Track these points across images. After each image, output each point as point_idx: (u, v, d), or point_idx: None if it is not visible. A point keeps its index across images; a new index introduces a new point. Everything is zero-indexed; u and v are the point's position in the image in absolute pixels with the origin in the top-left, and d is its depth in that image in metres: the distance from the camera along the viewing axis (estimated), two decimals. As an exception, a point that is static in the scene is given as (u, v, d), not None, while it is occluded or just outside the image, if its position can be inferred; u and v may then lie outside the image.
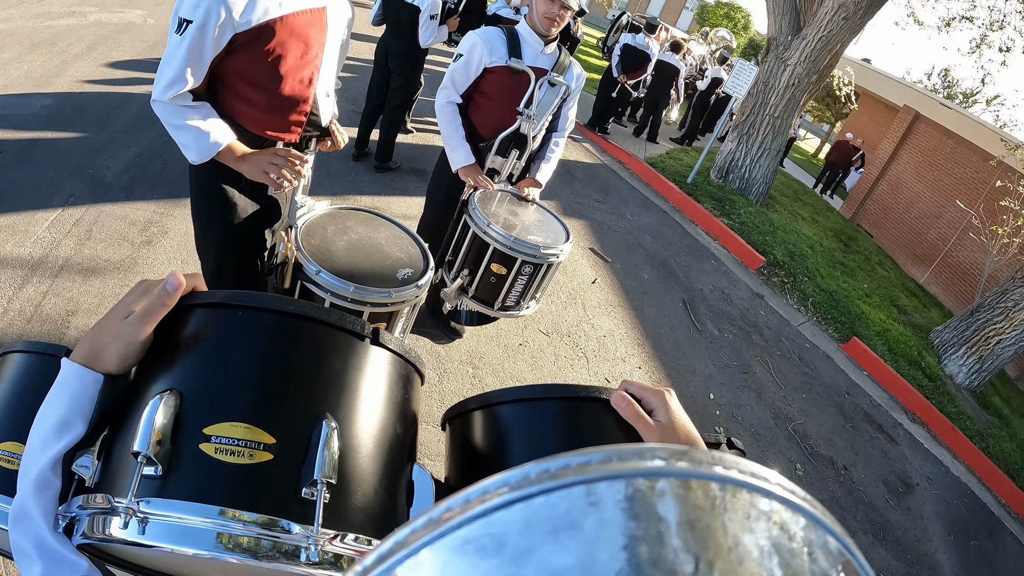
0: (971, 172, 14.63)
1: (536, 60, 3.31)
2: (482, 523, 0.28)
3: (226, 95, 2.22)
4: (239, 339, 0.79)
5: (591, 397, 0.91)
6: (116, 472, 0.70)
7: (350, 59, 10.46)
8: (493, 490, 0.30)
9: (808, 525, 0.31)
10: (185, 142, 2.14)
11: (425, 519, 0.30)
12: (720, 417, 5.19)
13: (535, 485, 0.29)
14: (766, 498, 0.30)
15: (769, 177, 10.89)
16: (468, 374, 4.24)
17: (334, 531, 0.71)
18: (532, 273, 3.06)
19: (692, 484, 0.30)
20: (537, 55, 3.31)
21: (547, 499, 0.29)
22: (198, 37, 1.96)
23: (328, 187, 5.93)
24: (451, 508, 0.30)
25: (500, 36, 3.28)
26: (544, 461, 0.31)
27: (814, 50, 9.58)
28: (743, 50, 24.99)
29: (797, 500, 0.31)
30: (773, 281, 8.45)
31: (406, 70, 6.32)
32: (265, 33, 2.07)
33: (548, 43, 3.33)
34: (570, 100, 3.60)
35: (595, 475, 0.29)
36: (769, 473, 0.32)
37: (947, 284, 14.26)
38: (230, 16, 1.96)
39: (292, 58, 2.19)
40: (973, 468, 7.07)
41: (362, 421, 0.80)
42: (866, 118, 24.12)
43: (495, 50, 3.26)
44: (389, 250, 2.37)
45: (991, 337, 8.50)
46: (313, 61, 2.29)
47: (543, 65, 3.34)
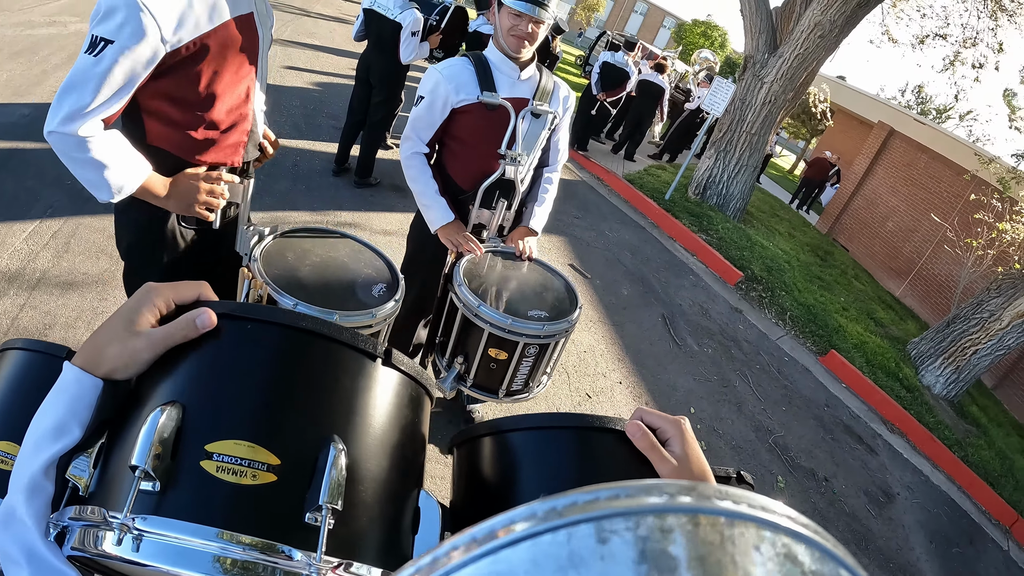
0: (945, 186, 14.85)
1: (513, 89, 2.76)
2: (488, 561, 0.28)
3: (151, 123, 1.96)
4: (247, 353, 0.76)
5: (604, 428, 0.88)
6: (112, 484, 0.67)
7: (331, 74, 10.51)
8: (500, 527, 0.29)
9: (820, 557, 0.30)
10: (92, 180, 1.81)
11: (431, 558, 0.29)
12: (701, 431, 5.20)
13: (543, 523, 0.29)
14: (775, 531, 0.30)
15: (746, 193, 11.00)
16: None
17: (337, 559, 0.68)
18: (538, 354, 2.55)
19: (701, 519, 0.29)
20: (513, 83, 2.76)
21: (554, 537, 0.28)
22: (120, 61, 1.68)
23: (308, 203, 5.93)
24: (457, 546, 0.29)
25: (466, 67, 2.73)
26: (551, 499, 0.30)
27: (790, 68, 9.74)
28: (720, 68, 25.23)
29: (807, 532, 0.30)
30: (751, 296, 8.51)
31: (387, 86, 6.37)
32: (199, 50, 1.84)
33: (524, 66, 2.77)
34: (560, 128, 3.04)
35: (603, 512, 0.29)
36: (777, 505, 0.31)
37: (923, 296, 14.42)
38: (160, 34, 1.71)
39: (228, 73, 1.98)
40: (953, 477, 7.12)
41: (371, 444, 0.77)
42: (841, 134, 24.44)
43: (462, 86, 2.70)
44: (355, 267, 2.24)
45: (967, 348, 8.60)
46: (249, 74, 2.08)
47: (522, 94, 2.79)
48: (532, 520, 0.29)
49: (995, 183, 9.92)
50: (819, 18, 9.19)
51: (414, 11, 5.88)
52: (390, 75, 6.29)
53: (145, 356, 0.73)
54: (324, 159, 6.99)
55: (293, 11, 15.32)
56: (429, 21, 6.55)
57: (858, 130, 22.37)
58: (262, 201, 5.50)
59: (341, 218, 5.82)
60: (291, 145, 7.05)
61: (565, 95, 2.98)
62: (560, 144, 3.13)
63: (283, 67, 9.77)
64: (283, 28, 12.70)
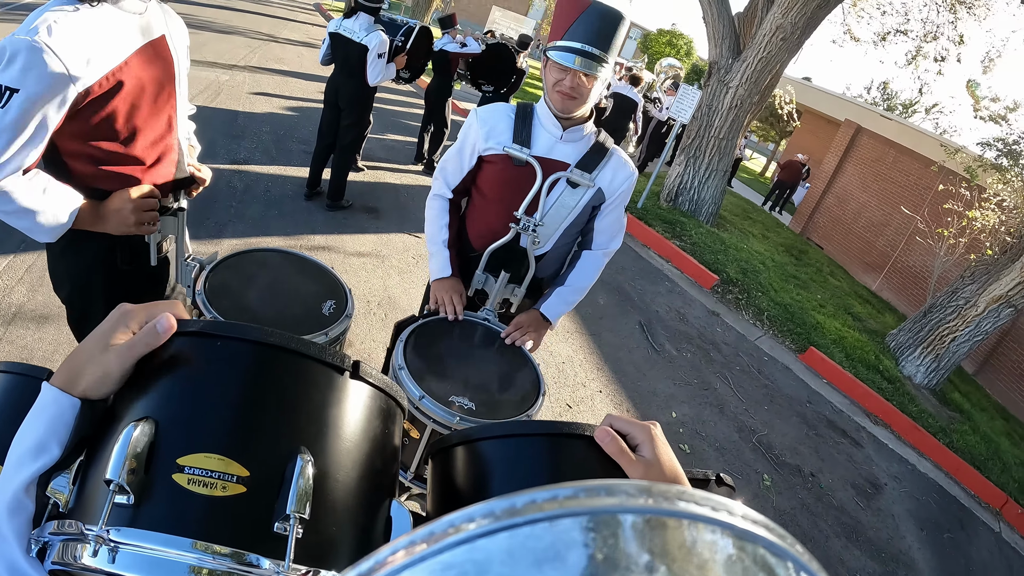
0: (914, 179, 15.07)
1: (552, 150, 2.35)
2: (465, 549, 0.28)
3: (74, 164, 1.85)
4: (217, 369, 0.77)
5: (574, 434, 0.91)
6: (89, 499, 0.69)
7: (300, 99, 10.50)
8: (478, 516, 0.29)
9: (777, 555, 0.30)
10: (27, 227, 1.71)
11: (407, 541, 0.30)
12: (684, 435, 5.20)
13: (522, 515, 0.29)
14: (731, 532, 0.30)
15: (718, 197, 11.08)
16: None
17: (306, 567, 0.70)
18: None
19: (656, 520, 0.30)
20: (554, 142, 2.34)
21: (533, 530, 0.28)
22: (28, 109, 1.56)
23: (281, 228, 5.90)
24: (434, 532, 0.29)
25: (507, 114, 2.39)
26: (533, 491, 0.31)
27: (755, 72, 9.86)
28: (687, 75, 25.44)
29: (761, 531, 0.31)
30: (728, 298, 8.55)
31: (356, 109, 6.37)
32: (113, 85, 1.72)
33: (571, 125, 2.33)
34: (606, 210, 2.48)
35: (583, 508, 0.29)
36: (735, 506, 0.32)
37: (898, 288, 14.59)
38: (67, 74, 1.58)
39: (147, 105, 1.86)
40: (939, 463, 7.17)
41: (339, 455, 0.79)
42: (809, 134, 24.75)
43: (494, 131, 2.36)
44: (304, 287, 2.16)
45: (945, 336, 8.69)
46: (169, 102, 1.96)
47: (562, 156, 2.35)
48: (512, 512, 0.29)
49: (962, 172, 10.07)
50: (780, 21, 9.31)
51: (379, 33, 5.90)
52: (358, 98, 6.30)
53: (116, 371, 0.74)
54: (296, 184, 6.98)
55: (260, 37, 15.36)
56: (395, 42, 6.55)
57: (826, 129, 22.66)
58: (235, 227, 5.49)
59: (314, 242, 5.81)
60: (262, 171, 7.03)
61: (623, 176, 2.41)
62: (608, 228, 2.55)
63: (252, 93, 9.75)
64: (251, 54, 12.72)
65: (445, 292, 2.42)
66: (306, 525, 0.70)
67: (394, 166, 8.91)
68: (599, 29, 2.07)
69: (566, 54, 2.10)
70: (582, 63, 2.09)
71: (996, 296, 8.25)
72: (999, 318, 8.40)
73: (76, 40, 1.60)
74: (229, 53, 11.96)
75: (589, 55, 2.09)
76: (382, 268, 5.83)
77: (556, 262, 2.67)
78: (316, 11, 28.15)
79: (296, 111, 9.84)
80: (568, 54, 2.10)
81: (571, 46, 2.09)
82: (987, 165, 9.31)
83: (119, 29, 1.73)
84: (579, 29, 2.08)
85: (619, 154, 2.43)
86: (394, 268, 5.91)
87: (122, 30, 1.74)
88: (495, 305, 2.57)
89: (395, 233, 6.70)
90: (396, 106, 13.00)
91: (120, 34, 1.73)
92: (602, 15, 2.07)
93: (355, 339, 4.61)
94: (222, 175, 6.39)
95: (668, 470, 0.85)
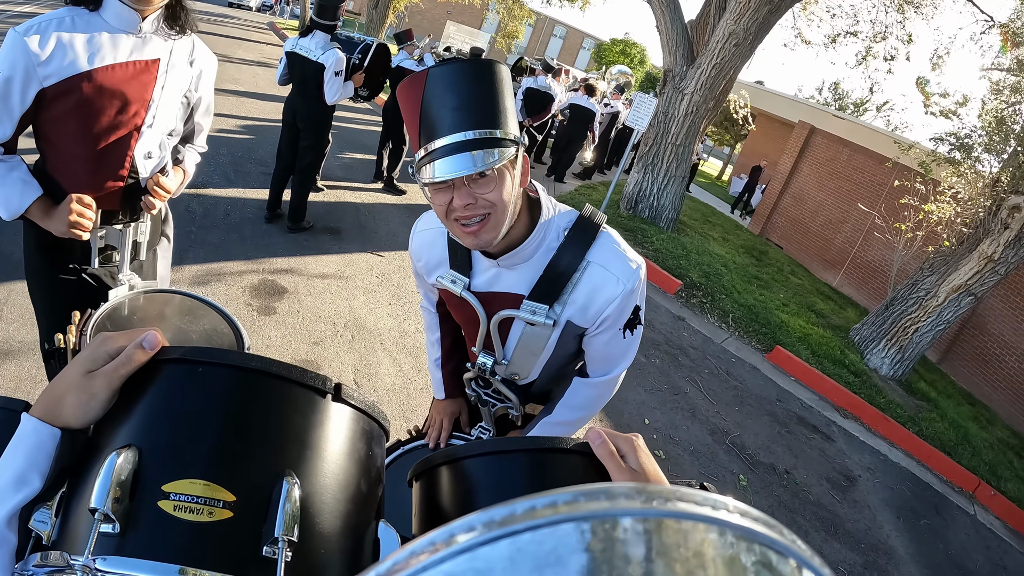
0: (869, 176, 15.34)
1: (495, 280, 1.74)
2: (466, 558, 0.28)
3: (47, 151, 2.05)
4: (199, 395, 0.77)
5: (557, 448, 0.91)
6: (73, 529, 0.67)
7: (257, 120, 10.40)
8: (478, 525, 0.29)
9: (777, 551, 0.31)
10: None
11: (407, 552, 0.29)
12: (657, 440, 5.21)
13: (521, 522, 0.29)
14: (729, 529, 0.30)
15: (677, 203, 11.19)
16: (403, 429, 4.17)
17: None
18: None
19: (657, 522, 0.30)
20: (496, 271, 1.72)
21: (533, 536, 0.28)
22: (2, 90, 1.83)
23: (242, 251, 5.82)
24: (435, 542, 0.29)
25: (439, 238, 1.80)
26: (532, 497, 0.31)
27: (709, 78, 10.00)
28: (641, 84, 25.71)
29: (762, 529, 0.31)
30: (692, 303, 8.62)
31: (314, 129, 6.32)
32: (72, 88, 1.88)
33: (504, 251, 1.63)
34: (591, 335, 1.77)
35: (583, 513, 0.29)
36: (733, 503, 0.32)
37: (859, 283, 14.82)
38: (34, 68, 1.82)
39: (107, 117, 1.98)
40: (911, 452, 7.29)
41: (324, 478, 0.78)
42: (764, 137, 25.12)
43: (430, 263, 1.87)
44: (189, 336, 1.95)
45: (908, 327, 8.84)
46: (132, 119, 2.03)
47: (508, 288, 1.72)
48: (511, 519, 0.29)
49: (917, 167, 10.25)
50: (733, 27, 9.46)
51: (336, 51, 5.87)
52: (316, 118, 6.25)
53: (103, 395, 0.73)
54: (255, 206, 6.90)
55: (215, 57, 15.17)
56: (352, 60, 6.52)
57: (780, 131, 23.01)
58: (195, 253, 5.39)
59: (276, 264, 5.73)
60: (221, 194, 6.94)
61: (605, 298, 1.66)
62: (600, 354, 1.85)
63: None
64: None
65: (437, 414, 2.21)
66: (294, 548, 0.69)
67: (354, 185, 8.86)
68: (462, 99, 1.38)
69: (438, 163, 1.38)
70: (468, 162, 1.37)
71: (956, 286, 8.43)
72: (960, 307, 8.58)
73: (54, 39, 1.83)
74: (182, 79, 11.80)
75: (470, 144, 1.37)
76: (346, 289, 5.77)
77: (557, 381, 2.08)
78: (270, 30, 27.94)
79: (254, 132, 9.75)
80: (440, 161, 1.38)
81: (438, 147, 1.38)
82: (940, 159, 9.49)
83: (103, 41, 1.90)
84: (436, 119, 1.38)
85: (601, 267, 1.66)
86: (359, 288, 5.86)
87: (107, 43, 1.91)
88: (491, 422, 2.19)
89: (358, 253, 6.66)
90: (354, 124, 12.94)
91: (103, 46, 1.90)
92: (453, 76, 1.37)
93: (323, 362, 4.55)
94: (180, 200, 6.27)
95: (653, 479, 0.85)
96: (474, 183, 1.41)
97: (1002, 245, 8.01)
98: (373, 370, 4.69)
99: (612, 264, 1.65)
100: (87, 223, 2.02)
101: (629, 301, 1.69)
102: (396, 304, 5.80)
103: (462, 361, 2.15)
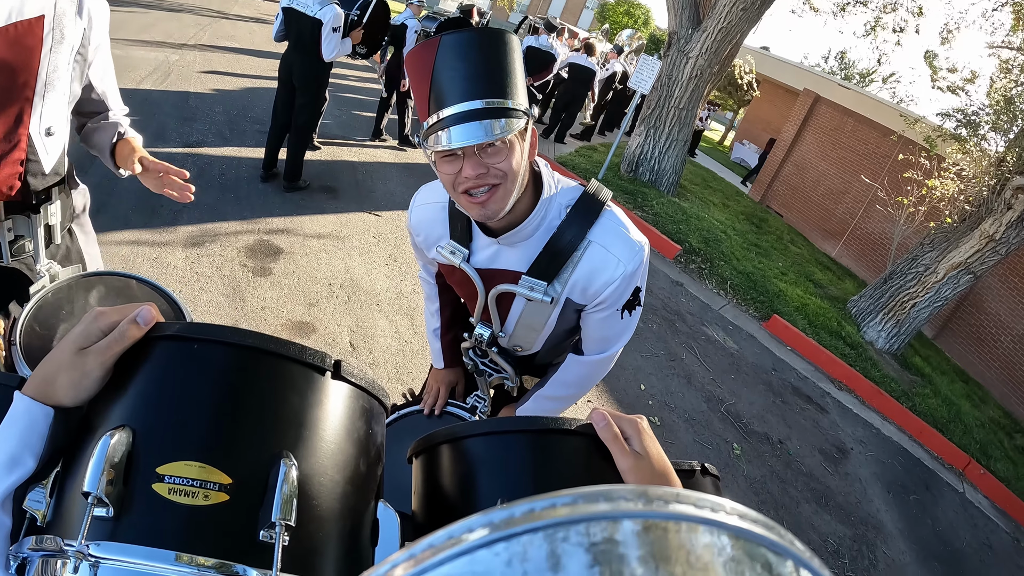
0: (873, 148, 15.23)
1: (495, 257, 1.72)
2: (465, 561, 0.28)
3: None
4: (194, 373, 0.75)
5: (559, 429, 0.90)
6: (67, 512, 0.67)
7: (253, 77, 10.25)
8: (477, 527, 0.30)
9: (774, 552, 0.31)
10: None
11: (407, 554, 0.30)
12: (653, 407, 5.21)
13: (520, 524, 0.29)
14: (728, 531, 0.30)
15: (679, 167, 11.10)
16: (398, 392, 4.15)
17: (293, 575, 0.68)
18: None
19: (656, 524, 0.30)
20: (496, 249, 1.71)
21: (532, 539, 0.29)
22: None
23: (238, 212, 5.75)
24: (433, 544, 0.29)
25: (440, 211, 1.79)
26: (531, 500, 0.31)
27: (715, 42, 9.82)
28: (645, 45, 25.39)
29: (760, 530, 0.31)
30: (691, 268, 8.60)
31: (311, 87, 6.20)
32: None
33: (506, 228, 1.62)
34: (588, 312, 1.76)
35: (582, 515, 0.30)
36: (731, 505, 0.32)
37: (858, 255, 14.80)
38: None
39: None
40: (903, 427, 7.33)
41: (323, 459, 0.76)
42: (768, 104, 24.89)
43: (430, 237, 1.85)
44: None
45: (906, 302, 8.84)
46: (22, 92, 1.68)
47: (508, 264, 1.71)
48: (509, 522, 0.30)
49: (922, 142, 10.16)
50: (740, -10, 9.27)
51: (334, 7, 5.72)
52: (313, 75, 6.13)
53: (96, 373, 0.72)
54: (251, 166, 6.79)
55: (210, 14, 14.89)
56: (350, 16, 6.36)
57: (784, 98, 22.80)
58: (189, 214, 5.31)
59: (272, 225, 5.67)
60: (216, 153, 6.83)
61: (605, 279, 1.63)
62: (596, 333, 1.84)
63: (202, 72, 9.45)
64: (201, 32, 12.32)
65: (434, 382, 2.19)
66: (292, 532, 0.68)
67: (351, 142, 8.75)
68: (474, 68, 1.36)
69: (447, 132, 1.36)
70: (478, 131, 1.35)
71: (955, 263, 8.40)
72: (958, 284, 8.57)
73: None
74: (178, 32, 11.59)
75: (480, 113, 1.35)
76: (343, 249, 5.72)
77: (558, 353, 2.11)
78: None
79: (249, 90, 9.58)
80: (449, 130, 1.36)
81: (448, 115, 1.36)
82: (946, 135, 9.41)
83: None
84: (446, 87, 1.36)
85: (601, 247, 1.62)
86: (355, 249, 5.80)
87: None
88: (487, 392, 2.21)
89: (355, 212, 6.59)
90: (352, 81, 12.78)
91: None
92: (465, 44, 1.36)
93: (318, 324, 4.52)
94: (175, 159, 6.17)
95: (657, 464, 0.84)
96: (484, 153, 1.39)
97: (1004, 225, 7.96)
98: (369, 332, 4.65)
99: (614, 245, 1.62)
100: None
101: (630, 283, 1.67)
102: (393, 265, 5.75)
103: (461, 331, 2.14)
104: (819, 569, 0.32)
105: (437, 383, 2.18)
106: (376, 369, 4.30)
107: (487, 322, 1.90)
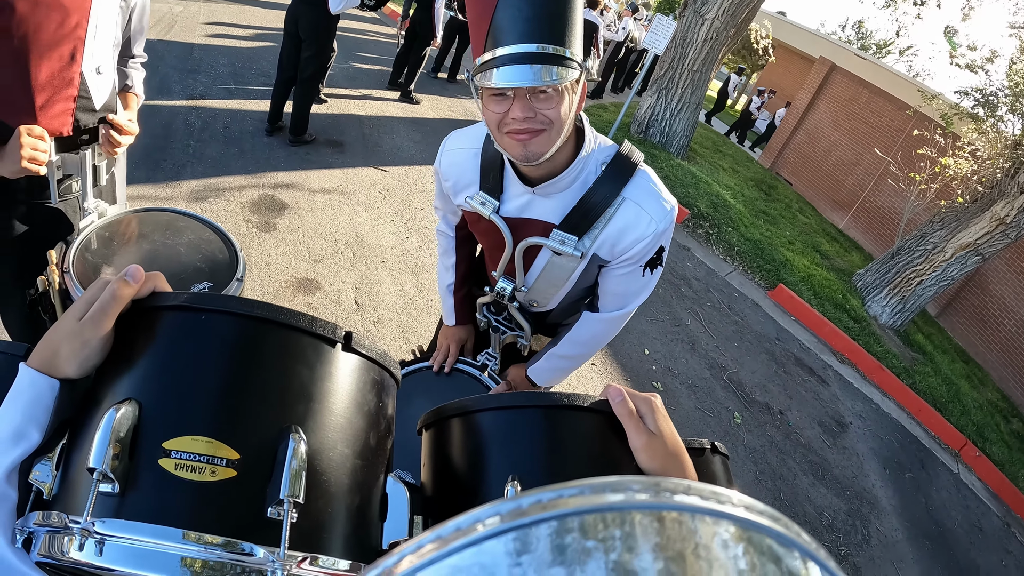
0: (887, 121, 15.05)
1: (527, 207, 1.71)
2: (472, 552, 0.28)
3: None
4: (201, 345, 0.73)
5: (572, 406, 0.87)
6: (72, 488, 0.66)
7: (258, 28, 10.10)
8: (485, 518, 0.30)
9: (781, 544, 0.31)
10: None
11: (414, 545, 0.30)
12: (656, 372, 5.20)
13: (528, 516, 0.29)
14: (735, 523, 0.31)
15: (689, 130, 10.97)
16: (403, 350, 4.13)
17: (302, 553, 0.67)
18: None
19: (664, 515, 0.30)
20: (529, 198, 1.70)
21: (539, 530, 0.29)
22: None
23: (242, 166, 5.67)
24: (441, 535, 0.30)
25: (472, 157, 1.77)
26: (539, 491, 0.31)
27: (732, 4, 9.61)
28: (659, 5, 24.94)
29: (767, 522, 0.31)
30: (698, 233, 8.54)
31: (317, 39, 6.03)
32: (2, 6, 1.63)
33: (544, 177, 1.62)
34: (611, 268, 1.77)
35: (590, 507, 0.30)
36: (738, 497, 0.32)
37: (866, 228, 14.70)
38: None
39: (45, 32, 1.73)
40: (902, 404, 7.33)
41: (333, 433, 0.75)
42: (782, 70, 24.66)
43: (460, 183, 1.83)
44: (189, 259, 1.96)
45: (912, 278, 8.79)
46: (74, 32, 1.81)
47: (540, 215, 1.71)
48: (517, 513, 0.30)
49: (938, 119, 10.02)
50: (760, -48, 9.07)
51: (341, -42, 5.59)
52: (319, 27, 5.94)
53: (95, 340, 0.71)
54: (256, 119, 6.69)
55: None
56: (358, -32, 6.24)
57: (799, 65, 22.58)
58: (193, 168, 5.25)
59: (277, 179, 5.60)
60: (220, 106, 6.72)
61: (635, 236, 1.65)
62: (615, 290, 1.84)
63: (206, 23, 9.27)
64: (207, -19, 12.16)
65: (444, 339, 2.19)
66: (300, 509, 0.67)
67: (358, 93, 8.62)
68: (537, 11, 1.32)
69: (500, 71, 1.34)
70: (529, 74, 1.33)
71: (964, 243, 8.34)
72: (966, 265, 8.53)
73: None
74: (185, -23, 11.43)
75: (536, 57, 1.33)
76: (348, 204, 5.67)
77: (571, 312, 2.11)
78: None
79: (255, 42, 9.40)
80: (503, 69, 1.34)
81: (503, 54, 1.34)
82: (963, 114, 9.28)
83: None
84: (506, 26, 1.33)
85: (635, 204, 1.64)
86: (361, 204, 5.75)
87: None
88: (498, 350, 2.19)
89: (361, 167, 6.51)
90: (360, 34, 12.60)
91: None
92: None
93: (323, 281, 4.49)
94: (178, 112, 6.10)
95: (671, 443, 0.83)
96: (535, 97, 1.39)
97: (1016, 209, 7.88)
98: (374, 289, 4.63)
99: (647, 203, 1.64)
100: (43, 156, 1.84)
101: (658, 241, 1.68)
102: (399, 221, 5.70)
103: (474, 287, 2.20)
104: (825, 560, 0.32)
105: (447, 340, 2.17)
106: (381, 327, 4.28)
107: (510, 276, 1.89)
